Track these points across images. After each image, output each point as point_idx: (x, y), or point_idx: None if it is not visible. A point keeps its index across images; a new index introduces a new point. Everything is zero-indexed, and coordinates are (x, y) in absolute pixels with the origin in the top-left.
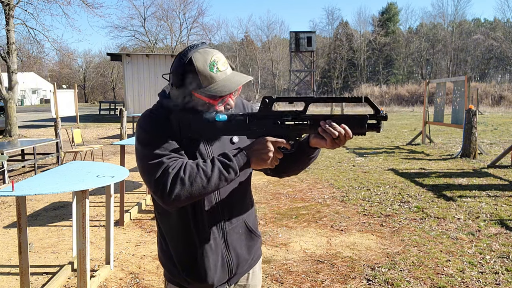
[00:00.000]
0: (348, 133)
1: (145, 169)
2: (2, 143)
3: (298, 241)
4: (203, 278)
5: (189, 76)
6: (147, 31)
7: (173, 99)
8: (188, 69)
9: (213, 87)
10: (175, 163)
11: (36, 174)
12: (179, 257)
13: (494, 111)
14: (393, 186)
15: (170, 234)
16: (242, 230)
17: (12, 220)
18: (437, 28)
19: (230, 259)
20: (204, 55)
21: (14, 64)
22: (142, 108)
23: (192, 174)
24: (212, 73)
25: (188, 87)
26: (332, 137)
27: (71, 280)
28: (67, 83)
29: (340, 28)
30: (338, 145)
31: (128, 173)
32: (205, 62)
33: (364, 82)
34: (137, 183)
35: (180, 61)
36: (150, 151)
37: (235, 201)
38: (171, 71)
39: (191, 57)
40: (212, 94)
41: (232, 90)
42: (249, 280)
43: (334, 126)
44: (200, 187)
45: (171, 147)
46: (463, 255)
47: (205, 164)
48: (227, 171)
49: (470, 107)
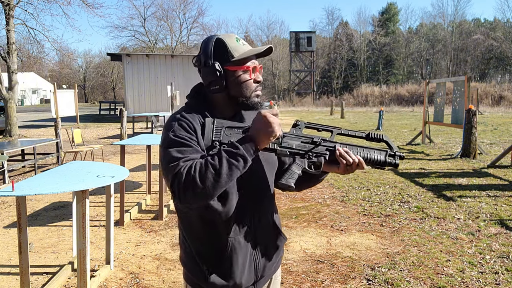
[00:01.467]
0: (362, 164)
1: (164, 171)
2: (2, 143)
3: (298, 241)
4: (229, 276)
5: (220, 50)
6: (147, 31)
7: (205, 83)
8: (218, 45)
9: (244, 53)
10: (187, 164)
11: (36, 174)
12: (206, 256)
13: (494, 111)
14: (393, 186)
15: (197, 233)
16: (271, 231)
17: (12, 220)
18: (437, 28)
19: (258, 259)
20: (228, 34)
21: (14, 64)
22: (142, 108)
23: (201, 171)
24: (240, 45)
25: (221, 60)
26: (345, 164)
27: (71, 280)
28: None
29: (340, 28)
30: (348, 172)
31: (128, 173)
32: (231, 38)
33: (364, 82)
34: (137, 183)
35: (208, 41)
36: (172, 155)
37: (264, 201)
38: (200, 53)
39: (218, 37)
40: (245, 57)
41: (260, 51)
42: (270, 286)
43: (350, 154)
44: (212, 182)
45: (192, 150)
46: (463, 255)
47: (213, 158)
48: (236, 159)
49: (470, 107)
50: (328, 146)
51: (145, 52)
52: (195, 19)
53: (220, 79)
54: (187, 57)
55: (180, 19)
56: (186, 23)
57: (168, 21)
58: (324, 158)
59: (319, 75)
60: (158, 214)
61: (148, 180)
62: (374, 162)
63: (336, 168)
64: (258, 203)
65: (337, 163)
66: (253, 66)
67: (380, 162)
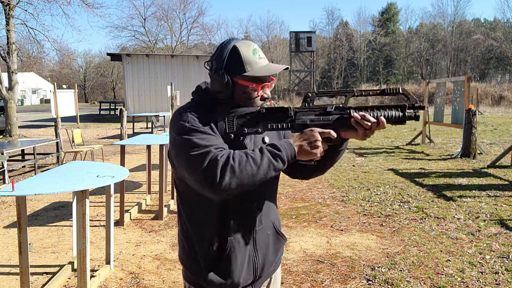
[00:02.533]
0: (383, 122)
1: (191, 159)
2: (2, 143)
3: (298, 241)
4: (228, 275)
5: (234, 61)
6: (147, 31)
7: (213, 88)
8: (233, 54)
9: (258, 70)
10: (223, 152)
11: (36, 174)
12: (205, 255)
13: (494, 111)
14: (393, 186)
15: (197, 231)
16: (271, 231)
17: (12, 220)
18: (437, 28)
19: (257, 259)
20: (246, 43)
21: (14, 64)
22: (142, 108)
23: (241, 161)
24: (256, 59)
25: (232, 71)
26: (364, 128)
27: (71, 280)
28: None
29: (340, 28)
30: (368, 136)
31: (128, 173)
32: (248, 48)
33: (364, 82)
34: (137, 183)
35: (223, 48)
36: (194, 142)
37: (265, 202)
38: (214, 58)
39: (235, 45)
40: (257, 75)
41: (275, 72)
42: (270, 286)
43: (367, 117)
44: (250, 175)
45: (216, 140)
46: (463, 255)
47: (254, 153)
48: (276, 160)
49: (470, 107)
50: (342, 113)
51: (145, 52)
52: (195, 19)
53: (228, 90)
54: (187, 57)
55: (180, 19)
56: (186, 23)
57: (168, 21)
58: (342, 126)
59: (319, 75)
60: (158, 214)
61: (148, 180)
62: (393, 118)
63: (354, 134)
64: (259, 203)
65: (355, 128)
66: (263, 84)
67: (399, 117)
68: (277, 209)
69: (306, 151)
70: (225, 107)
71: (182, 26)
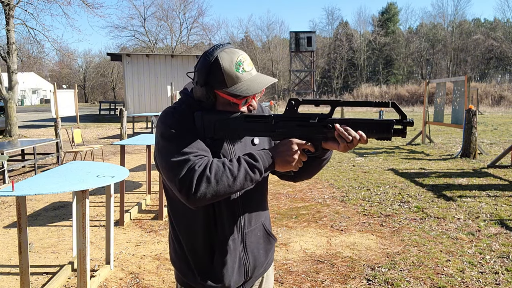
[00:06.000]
0: (364, 138)
1: (168, 166)
2: (2, 143)
3: (298, 241)
4: (219, 279)
5: (214, 75)
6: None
7: (196, 97)
8: (214, 68)
9: (238, 87)
10: (201, 161)
11: (36, 174)
12: (196, 258)
13: (494, 111)
14: (393, 186)
15: (187, 234)
16: (261, 233)
17: (12, 220)
18: (437, 28)
19: (247, 261)
20: (230, 54)
21: (14, 64)
22: (142, 108)
23: (218, 172)
24: (238, 73)
25: (213, 85)
26: (346, 142)
27: (71, 280)
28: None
29: (340, 28)
30: (349, 149)
31: (128, 173)
32: (231, 61)
33: (364, 82)
34: (137, 183)
35: (205, 59)
36: (175, 147)
37: (255, 203)
38: (196, 69)
39: (217, 56)
40: (237, 93)
41: (257, 91)
42: (262, 285)
43: (349, 131)
44: (226, 186)
45: (197, 145)
46: (463, 255)
47: (231, 163)
48: (253, 171)
49: (470, 107)
50: (325, 124)
51: (145, 52)
52: (195, 19)
53: (209, 102)
54: (187, 57)
55: (180, 19)
56: (186, 23)
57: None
58: (322, 139)
59: (319, 75)
60: (158, 214)
61: (148, 180)
62: (378, 134)
63: (336, 146)
64: (248, 206)
65: (337, 140)
66: (245, 99)
67: (384, 134)
68: (268, 210)
69: (283, 162)
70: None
71: (182, 26)
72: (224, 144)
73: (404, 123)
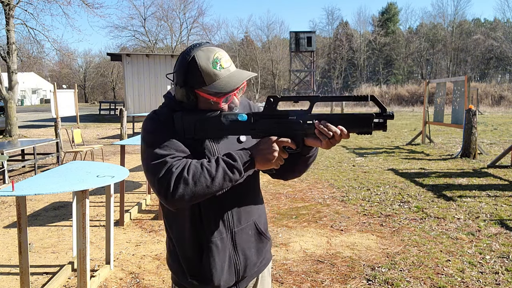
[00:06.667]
0: (344, 133)
1: (149, 169)
2: (2, 143)
3: (298, 241)
4: (208, 279)
5: (193, 74)
6: (147, 31)
7: (177, 99)
8: (192, 67)
9: (217, 84)
10: (179, 163)
11: (36, 174)
12: (185, 257)
13: (494, 111)
14: (393, 186)
15: (177, 234)
16: (252, 231)
17: (12, 220)
18: (437, 28)
19: (238, 260)
20: (207, 52)
21: (14, 64)
22: (142, 108)
23: (196, 173)
24: (216, 70)
25: (192, 85)
26: (327, 138)
27: (71, 280)
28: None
29: (340, 28)
30: (333, 145)
31: (128, 173)
32: (208, 59)
33: (364, 82)
34: (137, 183)
35: (183, 59)
36: (153, 151)
37: (244, 201)
38: (175, 70)
39: (194, 55)
40: (216, 91)
41: (236, 86)
42: (257, 285)
43: (329, 127)
44: (204, 187)
45: (175, 147)
46: (463, 255)
47: (210, 164)
48: (232, 171)
49: (470, 107)
50: (304, 120)
51: (145, 52)
52: (195, 19)
53: (190, 102)
54: None
55: (180, 19)
56: (186, 23)
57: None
58: (303, 135)
59: (319, 75)
60: (158, 214)
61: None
62: (358, 128)
63: (318, 143)
64: (236, 204)
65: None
66: (225, 96)
67: (364, 128)
68: (262, 208)
69: (263, 160)
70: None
71: (182, 26)
72: (208, 143)
73: (384, 116)
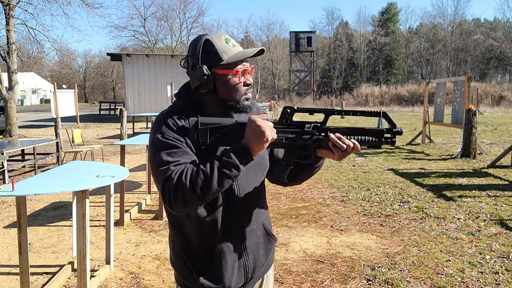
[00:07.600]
0: (357, 146)
1: (153, 174)
2: (2, 143)
3: (298, 241)
4: (219, 281)
5: (208, 53)
6: (147, 31)
7: (193, 86)
8: (207, 47)
9: (234, 56)
10: (178, 168)
11: (36, 174)
12: (194, 259)
13: (494, 111)
14: (393, 186)
15: (185, 236)
16: (261, 232)
17: (12, 220)
18: (437, 28)
19: (248, 262)
20: (217, 35)
21: (14, 64)
22: (142, 108)
23: (192, 177)
24: (230, 47)
25: (210, 65)
26: (340, 150)
27: (71, 280)
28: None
29: (340, 28)
30: (344, 157)
31: (128, 173)
32: (220, 39)
33: (364, 82)
34: (137, 183)
35: (196, 43)
36: (160, 156)
37: (254, 203)
38: (189, 55)
39: (207, 38)
40: (234, 61)
41: (251, 54)
42: (262, 285)
43: (343, 140)
44: (203, 189)
45: (181, 153)
46: (463, 255)
47: (205, 166)
48: (228, 169)
49: (470, 107)
50: (319, 133)
51: (145, 52)
52: (195, 19)
53: (208, 83)
54: None
55: (180, 19)
56: (186, 23)
57: (168, 21)
58: (316, 147)
59: (319, 75)
60: (158, 214)
61: (148, 180)
62: (369, 142)
63: (331, 155)
64: (247, 206)
65: (331, 149)
66: (243, 69)
67: (375, 142)
68: (267, 210)
69: (257, 141)
70: (206, 115)
71: (182, 26)
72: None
73: (393, 132)
